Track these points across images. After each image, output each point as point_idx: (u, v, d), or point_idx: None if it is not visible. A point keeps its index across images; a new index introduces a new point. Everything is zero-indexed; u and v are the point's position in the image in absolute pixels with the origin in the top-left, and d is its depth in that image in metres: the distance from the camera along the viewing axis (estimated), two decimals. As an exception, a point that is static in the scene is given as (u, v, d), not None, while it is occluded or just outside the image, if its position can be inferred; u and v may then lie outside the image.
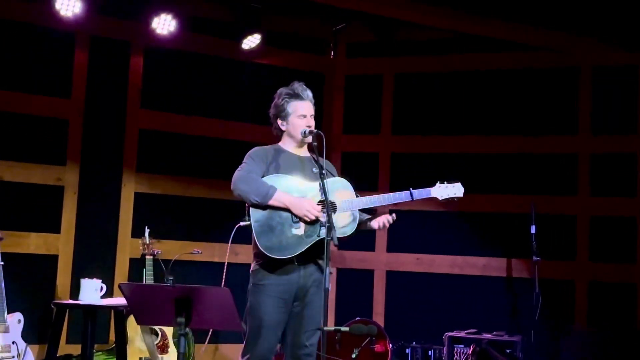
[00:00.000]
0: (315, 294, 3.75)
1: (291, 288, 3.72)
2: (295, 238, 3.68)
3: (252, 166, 3.77)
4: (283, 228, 3.68)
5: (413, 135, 6.67)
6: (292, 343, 3.76)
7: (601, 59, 6.25)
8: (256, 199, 3.66)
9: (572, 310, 6.14)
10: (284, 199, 3.67)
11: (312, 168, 3.85)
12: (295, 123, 3.85)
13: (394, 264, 6.60)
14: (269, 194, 3.66)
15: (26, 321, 4.87)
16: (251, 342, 3.72)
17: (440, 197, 3.92)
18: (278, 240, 3.66)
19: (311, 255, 3.72)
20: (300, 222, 3.69)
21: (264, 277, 3.72)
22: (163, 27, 5.87)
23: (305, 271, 3.74)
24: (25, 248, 5.61)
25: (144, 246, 5.48)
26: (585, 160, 6.24)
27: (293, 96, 3.86)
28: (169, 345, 5.40)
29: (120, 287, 3.22)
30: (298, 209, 3.66)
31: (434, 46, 6.65)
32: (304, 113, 3.86)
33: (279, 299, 3.71)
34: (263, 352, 3.72)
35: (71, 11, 5.53)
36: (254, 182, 3.70)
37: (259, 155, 3.82)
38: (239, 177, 3.73)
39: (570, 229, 6.22)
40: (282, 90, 3.91)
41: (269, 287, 3.71)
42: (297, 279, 3.72)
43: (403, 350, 6.13)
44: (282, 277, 3.72)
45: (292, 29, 6.66)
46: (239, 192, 3.69)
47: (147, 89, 6.12)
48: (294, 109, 3.85)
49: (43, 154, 5.74)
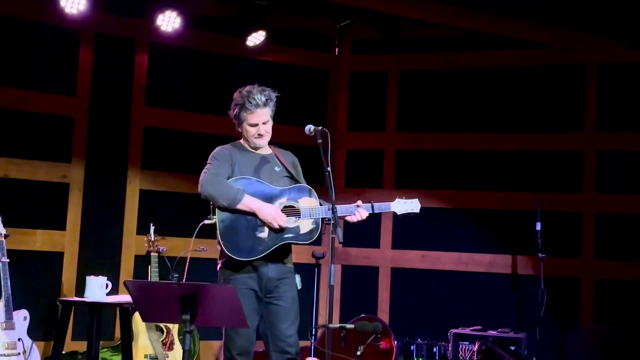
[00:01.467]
0: (287, 284, 3.86)
1: (260, 280, 3.81)
2: (259, 241, 3.76)
3: (219, 168, 3.83)
4: (247, 231, 3.76)
5: (418, 133, 6.66)
6: (273, 336, 3.83)
7: (607, 56, 6.23)
8: (224, 203, 3.73)
9: (578, 308, 6.13)
10: (251, 204, 3.74)
11: (274, 167, 3.93)
12: (247, 130, 3.94)
13: (399, 261, 6.60)
14: (237, 199, 3.72)
15: (32, 318, 4.90)
16: (230, 336, 3.80)
17: (399, 212, 4.00)
18: (242, 241, 3.75)
19: (275, 255, 3.81)
20: (264, 226, 3.76)
21: (232, 273, 3.80)
22: (168, 24, 5.87)
23: (273, 265, 3.83)
24: (31, 245, 5.62)
25: (149, 243, 5.50)
26: (591, 157, 6.22)
27: (242, 107, 3.91)
28: (174, 342, 5.41)
29: (125, 285, 3.23)
30: (265, 215, 3.74)
31: (439, 43, 6.63)
32: (254, 122, 3.91)
33: (249, 290, 3.78)
34: (243, 344, 3.79)
35: (76, 8, 5.53)
36: (222, 185, 3.75)
37: (224, 156, 3.88)
38: (207, 179, 3.79)
39: (576, 226, 6.21)
40: (237, 94, 3.96)
41: (239, 280, 3.77)
42: (266, 272, 3.81)
43: (408, 347, 6.13)
44: (249, 270, 3.80)
45: (297, 26, 6.65)
46: (206, 194, 3.76)
47: (152, 86, 6.12)
48: (244, 118, 3.92)
49: (48, 152, 5.75)
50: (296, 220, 3.80)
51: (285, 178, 3.93)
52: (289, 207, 3.82)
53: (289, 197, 3.83)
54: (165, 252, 5.53)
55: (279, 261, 3.85)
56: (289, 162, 4.01)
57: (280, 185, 3.88)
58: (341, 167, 6.72)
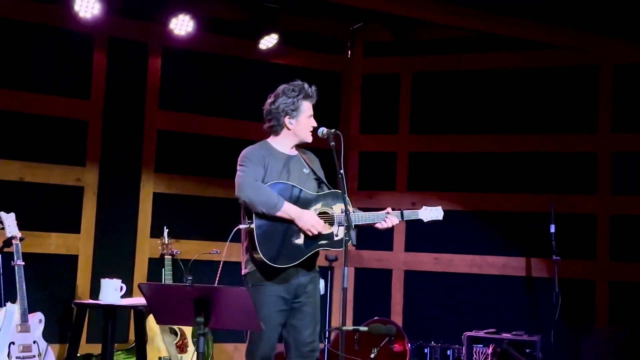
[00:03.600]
0: (314, 289, 3.84)
1: (291, 287, 3.77)
2: (295, 248, 3.72)
3: (255, 171, 3.75)
4: (284, 237, 3.70)
5: (431, 135, 6.65)
6: (296, 341, 3.79)
7: (621, 57, 6.19)
8: (263, 210, 3.65)
9: (593, 310, 6.09)
10: (291, 211, 3.68)
11: (302, 169, 3.88)
12: (304, 123, 3.85)
13: (412, 264, 6.58)
14: (277, 206, 3.66)
15: (47, 321, 4.91)
16: (255, 343, 3.75)
17: (425, 219, 4.05)
18: (279, 248, 3.69)
19: (306, 261, 3.77)
20: (300, 232, 3.72)
21: (263, 279, 3.74)
22: (181, 28, 5.89)
23: (303, 271, 3.80)
24: (46, 248, 5.66)
25: (162, 246, 5.51)
26: (606, 158, 6.18)
27: (306, 96, 3.84)
28: (187, 344, 5.42)
29: (139, 287, 3.23)
30: (304, 222, 3.69)
31: (452, 45, 6.62)
32: (312, 113, 3.87)
33: (279, 297, 3.74)
34: (267, 351, 3.76)
35: (90, 13, 5.56)
36: (262, 191, 3.67)
37: (257, 158, 3.79)
38: (246, 184, 3.70)
39: (591, 228, 6.17)
40: (290, 87, 3.86)
41: (270, 287, 3.73)
42: (296, 278, 3.77)
43: (422, 350, 6.11)
44: (281, 278, 3.75)
45: (309, 28, 6.66)
46: (245, 199, 3.67)
47: (165, 89, 6.15)
48: (305, 108, 3.84)
49: (63, 155, 5.79)
50: (330, 227, 3.77)
51: (314, 180, 3.89)
52: (324, 214, 3.78)
53: (324, 203, 3.79)
54: (179, 254, 5.54)
55: (309, 267, 3.81)
56: (314, 163, 3.97)
57: (310, 188, 3.83)
58: (354, 169, 6.71)
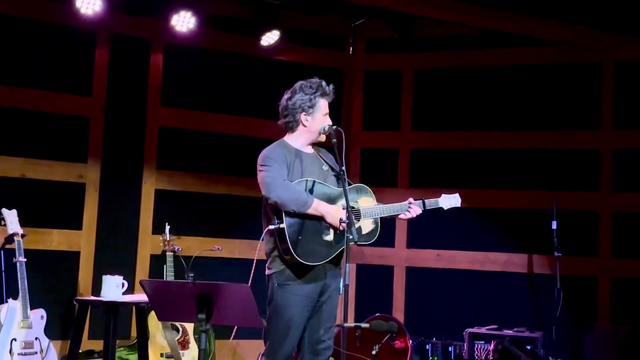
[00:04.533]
0: (334, 289, 3.80)
1: (317, 287, 3.74)
2: (326, 244, 3.70)
3: (280, 171, 3.71)
4: (314, 234, 3.69)
5: (433, 132, 6.64)
6: (311, 338, 3.77)
7: (624, 53, 6.18)
8: (294, 208, 3.63)
9: (595, 307, 6.09)
10: (321, 208, 3.67)
11: (321, 165, 3.87)
12: (320, 120, 3.84)
13: (414, 260, 6.58)
14: (307, 204, 3.64)
15: (49, 317, 4.92)
16: (278, 343, 3.71)
17: (445, 207, 4.07)
18: (310, 246, 3.67)
19: (335, 259, 3.76)
20: (330, 228, 3.71)
21: (290, 277, 3.71)
22: (182, 24, 5.89)
23: (329, 267, 3.77)
24: (48, 245, 5.66)
25: (164, 243, 5.51)
26: (608, 155, 6.17)
27: (323, 93, 3.83)
28: (189, 341, 5.43)
29: (141, 284, 3.24)
30: (333, 218, 3.68)
31: (454, 42, 6.61)
32: (327, 111, 3.87)
33: (306, 298, 3.72)
34: (288, 351, 3.73)
35: (92, 9, 5.56)
36: (291, 190, 3.65)
37: (280, 157, 3.75)
38: (275, 183, 3.65)
39: (593, 224, 6.16)
40: (307, 84, 3.85)
41: (297, 286, 3.70)
42: (323, 276, 3.75)
43: (423, 347, 6.11)
44: (309, 277, 3.72)
45: (311, 25, 6.65)
46: (276, 199, 3.62)
47: (167, 86, 6.14)
48: (322, 106, 3.84)
49: (65, 152, 5.79)
50: (357, 221, 3.75)
51: (333, 176, 3.86)
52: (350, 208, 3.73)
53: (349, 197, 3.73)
54: (181, 251, 5.55)
55: (334, 264, 3.80)
56: (330, 159, 3.94)
57: (330, 183, 3.81)
58: (356, 166, 6.71)
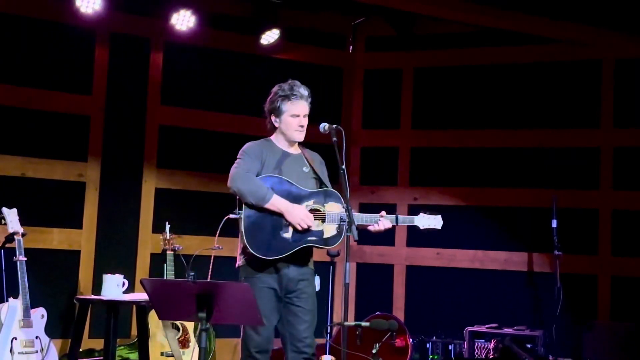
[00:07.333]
0: (307, 285, 3.88)
1: (280, 280, 3.82)
2: (283, 241, 3.76)
3: (250, 164, 3.81)
4: (272, 229, 3.75)
5: (433, 130, 6.64)
6: (291, 336, 3.85)
7: (624, 51, 6.18)
8: (252, 201, 3.72)
9: (595, 305, 6.09)
10: (280, 204, 3.74)
11: (302, 167, 3.92)
12: (288, 122, 3.90)
13: (414, 259, 6.58)
14: (265, 198, 3.72)
15: (49, 316, 4.92)
16: (249, 335, 3.81)
17: (421, 227, 3.99)
18: (266, 240, 3.74)
19: (297, 256, 3.81)
20: (289, 226, 3.76)
21: (253, 271, 3.81)
22: (182, 23, 5.89)
23: (294, 266, 3.84)
24: (48, 243, 5.67)
25: (164, 241, 5.51)
26: (608, 153, 6.18)
27: (286, 97, 3.88)
28: (190, 339, 5.43)
29: (142, 283, 3.24)
30: (292, 216, 3.74)
31: (454, 40, 6.61)
32: (296, 113, 3.89)
33: (269, 289, 3.80)
34: (262, 343, 3.80)
35: (91, 8, 5.56)
36: (252, 183, 3.74)
37: (255, 152, 3.86)
38: (238, 175, 3.78)
39: (593, 223, 6.17)
40: (277, 87, 3.94)
41: (259, 278, 3.79)
42: (287, 272, 3.82)
43: (423, 345, 6.12)
44: (271, 269, 3.81)
45: (311, 23, 6.65)
46: (235, 190, 3.76)
47: (167, 85, 6.14)
48: (287, 108, 3.89)
49: (65, 150, 5.79)
50: (320, 224, 3.80)
51: (313, 179, 3.93)
52: (315, 211, 3.81)
53: (316, 200, 3.82)
54: (181, 250, 5.55)
55: (301, 262, 3.86)
56: (317, 163, 4.00)
57: (308, 186, 3.87)
58: (356, 164, 6.71)
